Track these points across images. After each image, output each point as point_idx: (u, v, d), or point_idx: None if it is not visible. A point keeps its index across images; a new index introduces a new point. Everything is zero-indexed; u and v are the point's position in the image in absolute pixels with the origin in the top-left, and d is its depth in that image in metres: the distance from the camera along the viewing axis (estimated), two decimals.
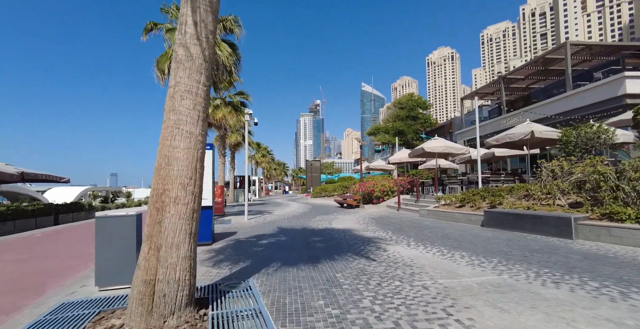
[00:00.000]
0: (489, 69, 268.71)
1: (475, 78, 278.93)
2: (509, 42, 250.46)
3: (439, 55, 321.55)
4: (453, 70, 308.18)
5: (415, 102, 31.09)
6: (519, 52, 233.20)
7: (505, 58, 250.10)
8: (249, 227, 9.46)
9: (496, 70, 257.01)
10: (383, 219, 10.70)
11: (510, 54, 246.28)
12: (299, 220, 11.02)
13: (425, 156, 16.16)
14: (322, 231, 8.22)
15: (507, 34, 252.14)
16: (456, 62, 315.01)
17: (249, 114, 12.15)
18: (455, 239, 6.55)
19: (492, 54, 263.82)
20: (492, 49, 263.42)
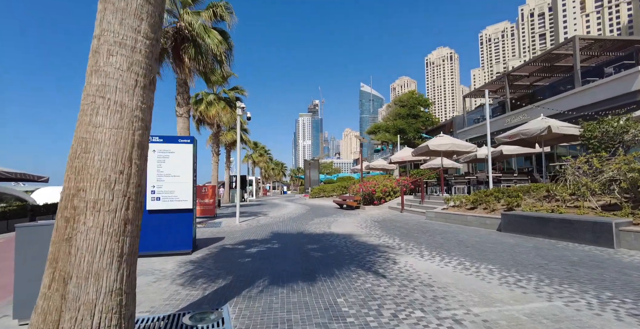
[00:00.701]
0: (488, 69, 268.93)
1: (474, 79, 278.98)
2: (507, 42, 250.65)
3: (438, 55, 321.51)
4: (452, 71, 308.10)
5: (417, 99, 30.22)
6: (518, 52, 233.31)
7: (504, 58, 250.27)
8: (239, 231, 8.53)
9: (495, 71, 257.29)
10: (387, 222, 9.80)
11: (509, 54, 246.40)
12: (296, 223, 10.10)
13: (430, 154, 15.27)
14: (321, 236, 7.30)
15: (505, 34, 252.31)
16: (455, 62, 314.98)
17: (241, 108, 11.23)
18: (474, 247, 5.65)
19: (491, 54, 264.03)
20: (491, 49, 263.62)
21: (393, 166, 23.67)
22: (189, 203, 5.85)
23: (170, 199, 5.77)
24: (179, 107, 10.43)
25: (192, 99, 18.02)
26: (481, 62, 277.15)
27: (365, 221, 10.29)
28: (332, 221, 10.30)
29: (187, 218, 5.88)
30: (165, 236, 5.73)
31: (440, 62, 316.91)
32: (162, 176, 5.79)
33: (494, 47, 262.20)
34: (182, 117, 10.43)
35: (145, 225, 5.61)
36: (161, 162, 5.80)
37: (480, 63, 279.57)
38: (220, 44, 10.25)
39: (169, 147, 5.86)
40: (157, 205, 5.71)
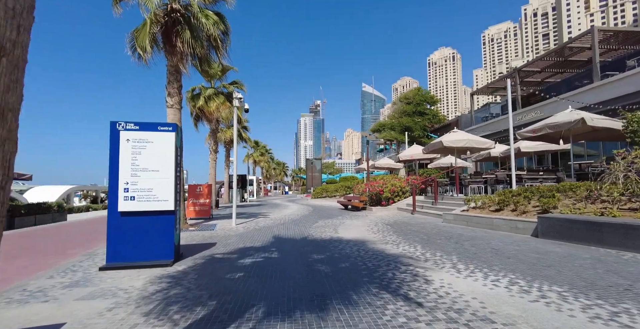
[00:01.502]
0: (491, 70, 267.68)
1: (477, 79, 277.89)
2: (510, 42, 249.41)
3: (440, 55, 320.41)
4: (454, 71, 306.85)
5: (423, 96, 29.14)
6: (521, 52, 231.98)
7: (506, 58, 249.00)
8: (234, 236, 7.51)
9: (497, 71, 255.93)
10: (400, 225, 8.76)
11: (511, 54, 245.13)
12: (298, 226, 9.07)
13: (442, 152, 14.23)
14: (328, 243, 6.27)
15: (508, 34, 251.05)
16: (457, 62, 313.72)
17: (239, 99, 10.22)
18: (517, 258, 4.61)
19: (494, 54, 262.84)
20: (494, 49, 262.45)
21: (400, 165, 22.63)
22: (170, 204, 4.83)
23: (148, 199, 4.76)
24: (169, 97, 9.42)
25: (188, 94, 17.04)
26: (484, 62, 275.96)
27: (376, 224, 9.25)
28: (338, 224, 9.26)
29: (167, 221, 4.86)
30: (141, 243, 4.72)
31: (443, 62, 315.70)
32: (138, 171, 4.77)
33: (496, 47, 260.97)
34: (173, 108, 9.42)
35: (116, 230, 4.60)
36: (136, 153, 4.79)
37: (482, 64, 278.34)
38: (217, 24, 9.25)
39: (146, 136, 4.85)
40: (131, 206, 4.69)
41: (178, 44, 8.96)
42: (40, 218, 12.24)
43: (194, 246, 6.30)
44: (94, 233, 8.90)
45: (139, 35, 8.89)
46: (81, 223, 12.73)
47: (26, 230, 9.76)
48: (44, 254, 5.85)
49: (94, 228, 10.23)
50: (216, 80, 17.72)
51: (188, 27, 9.05)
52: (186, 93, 17.01)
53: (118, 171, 4.69)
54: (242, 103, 10.37)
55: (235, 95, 10.25)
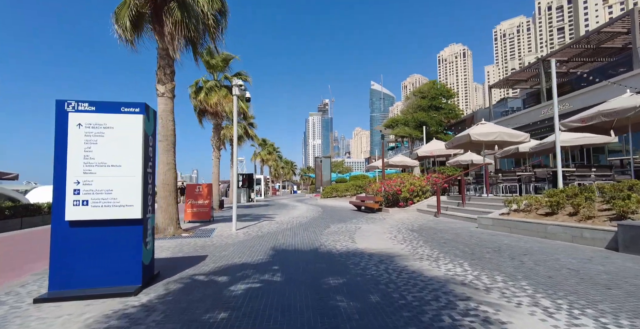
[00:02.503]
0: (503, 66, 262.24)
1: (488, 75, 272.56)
2: (523, 37, 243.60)
3: (450, 52, 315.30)
4: (465, 68, 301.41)
5: (438, 90, 27.49)
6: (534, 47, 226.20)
7: (519, 54, 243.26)
8: (231, 245, 6.27)
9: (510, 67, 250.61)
10: (427, 231, 7.40)
11: (524, 49, 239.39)
12: (307, 233, 7.79)
13: (468, 147, 12.77)
14: (345, 258, 4.96)
15: (521, 29, 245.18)
16: (468, 59, 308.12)
17: (239, 86, 8.99)
18: (621, 288, 3.23)
19: (506, 50, 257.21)
20: (506, 45, 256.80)
21: (415, 163, 21.17)
22: (136, 210, 3.60)
23: (106, 203, 3.54)
24: (159, 85, 8.25)
25: (192, 87, 15.94)
26: (495, 58, 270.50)
27: (398, 229, 7.90)
28: (354, 230, 7.95)
29: (133, 234, 3.63)
30: (97, 264, 3.51)
31: (453, 59, 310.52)
32: (93, 165, 3.56)
33: (508, 43, 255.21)
34: (164, 97, 8.25)
35: (62, 246, 3.39)
36: (91, 142, 3.57)
37: (494, 60, 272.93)
38: (212, 1, 8.04)
39: (104, 119, 3.63)
40: (83, 213, 3.48)
41: (168, 24, 7.76)
42: (28, 221, 11.27)
43: (179, 260, 5.08)
44: None
45: (120, 12, 7.74)
46: None
47: (2, 236, 8.73)
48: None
49: None
50: (219, 72, 16.56)
51: (183, 4, 7.85)
52: (189, 88, 15.93)
53: (65, 167, 3.48)
54: (242, 91, 9.14)
55: (234, 81, 9.03)
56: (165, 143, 8.17)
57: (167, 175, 8.12)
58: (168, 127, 8.23)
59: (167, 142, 8.19)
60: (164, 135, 8.17)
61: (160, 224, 7.96)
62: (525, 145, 14.16)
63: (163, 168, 8.12)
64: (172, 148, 8.27)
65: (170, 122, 8.29)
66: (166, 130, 8.20)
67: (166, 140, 8.18)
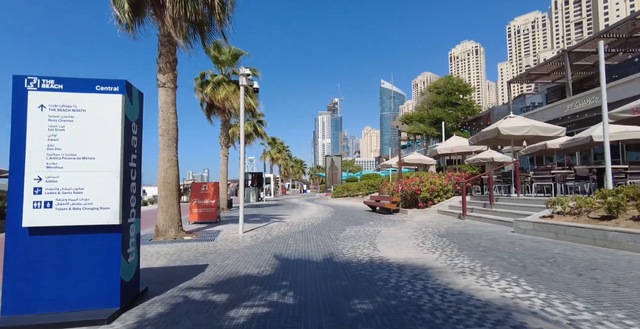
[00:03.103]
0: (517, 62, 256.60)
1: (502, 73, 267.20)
2: (538, 33, 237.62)
3: (463, 49, 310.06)
4: (477, 65, 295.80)
5: (455, 85, 26.28)
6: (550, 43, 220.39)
7: (534, 50, 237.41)
8: (235, 252, 5.53)
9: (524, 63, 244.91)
10: (457, 236, 6.51)
11: (539, 45, 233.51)
12: (321, 237, 7.00)
13: (495, 142, 11.77)
14: (369, 272, 4.14)
15: (536, 24, 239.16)
16: (480, 56, 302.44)
17: (246, 75, 8.25)
18: None
19: (520, 46, 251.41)
20: (520, 41, 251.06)
21: (432, 161, 20.15)
22: (113, 214, 2.86)
23: (75, 205, 2.81)
24: (160, 74, 7.57)
25: (197, 80, 15.33)
26: (509, 55, 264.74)
27: (423, 233, 7.03)
28: (373, 235, 7.11)
29: (109, 244, 2.89)
30: (63, 281, 2.78)
31: (465, 56, 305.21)
32: (59, 158, 2.83)
33: (523, 39, 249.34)
34: (166, 87, 7.57)
35: (18, 259, 2.67)
36: (57, 129, 2.85)
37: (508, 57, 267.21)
38: None
39: (74, 100, 2.90)
40: (46, 218, 2.76)
41: (168, 5, 7.06)
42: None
43: (175, 270, 4.35)
44: None
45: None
46: None
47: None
48: None
49: None
50: (227, 67, 15.90)
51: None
52: (194, 81, 15.33)
53: (24, 160, 2.77)
54: (250, 81, 8.39)
55: (242, 70, 8.30)
56: (167, 138, 7.49)
57: (169, 172, 7.44)
58: (169, 120, 7.54)
59: (169, 137, 7.51)
60: (165, 129, 7.49)
61: (161, 226, 7.28)
62: (554, 141, 13.07)
63: (164, 165, 7.44)
64: (174, 144, 7.59)
65: (172, 115, 7.61)
66: (167, 123, 7.52)
67: (167, 134, 7.50)
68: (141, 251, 5.79)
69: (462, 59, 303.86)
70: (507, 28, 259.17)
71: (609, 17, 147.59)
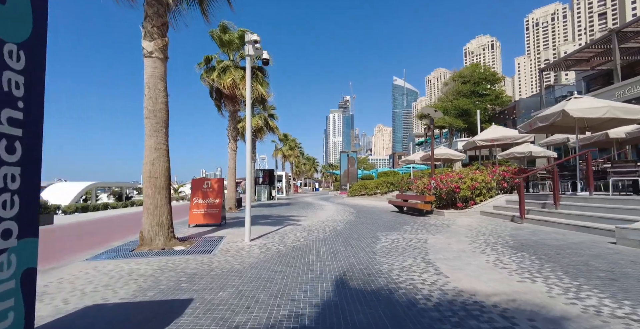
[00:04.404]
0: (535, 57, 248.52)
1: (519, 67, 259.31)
2: (558, 25, 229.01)
3: (478, 44, 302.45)
4: (493, 60, 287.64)
5: (482, 73, 24.05)
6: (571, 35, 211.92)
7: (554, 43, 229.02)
8: (236, 274, 3.91)
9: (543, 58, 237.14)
10: (540, 249, 4.71)
11: (560, 38, 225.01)
12: (351, 249, 5.31)
13: (553, 130, 9.81)
14: (455, 327, 2.42)
15: (556, 16, 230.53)
16: (497, 50, 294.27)
17: (253, 43, 6.63)
18: None
19: (539, 40, 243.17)
20: (539, 34, 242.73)
21: (461, 156, 18.19)
22: None
23: None
24: (147, 41, 6.02)
25: (201, 64, 13.85)
26: (527, 49, 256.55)
27: (486, 244, 5.25)
28: (421, 246, 5.37)
29: None
30: None
31: (480, 51, 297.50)
32: None
33: (542, 32, 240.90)
34: (153, 57, 6.01)
35: None
36: None
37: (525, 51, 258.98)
38: None
39: None
40: None
41: None
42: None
43: (138, 311, 2.75)
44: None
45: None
46: (62, 228, 9.90)
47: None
48: None
49: (57, 240, 7.16)
50: (234, 51, 14.34)
51: None
52: (197, 66, 13.85)
53: None
54: (258, 51, 6.74)
55: (248, 37, 6.67)
56: (154, 121, 5.94)
57: (156, 164, 5.89)
58: (157, 99, 5.99)
59: (156, 120, 5.96)
60: (152, 109, 5.94)
61: (146, 233, 5.74)
62: (619, 130, 11.03)
63: (150, 155, 5.89)
64: (163, 129, 6.03)
65: (162, 92, 6.05)
66: (155, 102, 5.96)
67: (154, 116, 5.95)
68: (110, 269, 4.28)
69: (477, 54, 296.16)
70: (525, 21, 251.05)
71: (636, 6, 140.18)
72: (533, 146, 15.98)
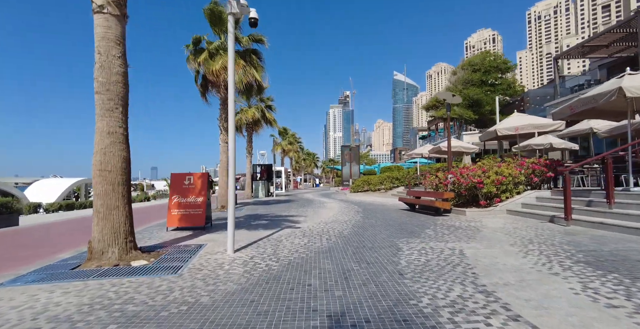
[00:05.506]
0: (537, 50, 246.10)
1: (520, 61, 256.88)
2: (561, 19, 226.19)
3: (479, 38, 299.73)
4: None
5: (494, 61, 22.52)
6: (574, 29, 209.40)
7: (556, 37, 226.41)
8: (199, 313, 2.54)
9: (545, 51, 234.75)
10: (631, 266, 3.35)
11: (562, 32, 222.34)
12: (367, 268, 3.94)
13: (597, 115, 8.41)
14: None
15: (559, 9, 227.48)
16: (498, 44, 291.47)
17: None
18: None
19: (541, 33, 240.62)
20: (541, 27, 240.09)
21: (473, 148, 16.80)
22: None
23: None
24: None
25: (189, 47, 12.39)
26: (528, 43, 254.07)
27: (546, 256, 3.89)
28: (460, 261, 4.00)
29: None
30: None
31: (482, 45, 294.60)
32: None
33: (544, 25, 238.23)
34: (105, 13, 4.58)
35: None
36: None
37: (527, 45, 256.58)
38: None
39: None
40: None
41: None
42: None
43: None
44: None
45: None
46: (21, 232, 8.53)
47: None
48: None
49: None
50: (225, 32, 12.85)
51: None
52: (185, 48, 12.37)
53: None
54: (244, 8, 5.27)
55: None
56: (106, 97, 4.53)
57: (109, 154, 4.49)
58: (112, 68, 4.57)
59: (110, 95, 4.55)
60: (104, 82, 4.53)
61: (96, 243, 4.37)
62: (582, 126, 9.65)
63: (101, 142, 4.49)
64: (118, 107, 4.61)
65: (117, 59, 4.62)
66: (108, 73, 4.55)
67: (107, 91, 4.53)
68: (15, 305, 2.67)
69: (478, 48, 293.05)
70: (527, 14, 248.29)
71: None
72: (552, 137, 14.58)
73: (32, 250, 5.78)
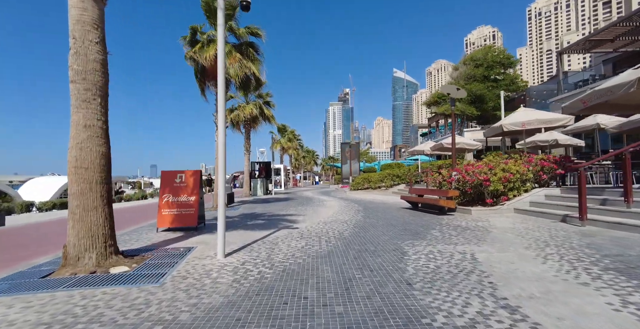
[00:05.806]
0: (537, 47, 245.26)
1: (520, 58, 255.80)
2: (561, 15, 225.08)
3: (479, 35, 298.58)
4: None
5: (497, 56, 22.04)
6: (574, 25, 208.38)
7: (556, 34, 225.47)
8: None
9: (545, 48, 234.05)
10: None
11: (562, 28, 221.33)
12: (371, 276, 3.54)
13: (613, 109, 7.99)
14: None
15: (559, 6, 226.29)
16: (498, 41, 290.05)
17: None
18: None
19: (541, 30, 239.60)
20: (541, 24, 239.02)
21: (476, 145, 16.41)
22: None
23: None
24: None
25: (186, 38, 11.94)
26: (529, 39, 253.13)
27: (568, 262, 3.50)
28: (472, 268, 3.61)
29: None
30: None
31: (482, 42, 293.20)
32: None
33: (544, 22, 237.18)
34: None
35: None
36: None
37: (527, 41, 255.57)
38: None
39: None
40: None
41: None
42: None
43: None
44: None
45: None
46: (7, 232, 8.14)
47: None
48: None
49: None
50: None
51: None
52: (181, 39, 11.92)
53: None
54: None
55: None
56: (82, 87, 4.10)
57: (86, 149, 4.08)
58: (88, 55, 4.14)
59: (86, 85, 4.12)
60: (79, 70, 4.10)
61: (71, 248, 3.97)
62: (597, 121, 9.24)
63: (78, 136, 4.08)
64: (96, 98, 4.19)
65: (94, 45, 4.19)
66: (84, 60, 4.12)
67: (84, 80, 4.11)
68: None
69: (478, 45, 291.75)
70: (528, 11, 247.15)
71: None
72: (558, 133, 14.19)
73: (10, 253, 5.39)
